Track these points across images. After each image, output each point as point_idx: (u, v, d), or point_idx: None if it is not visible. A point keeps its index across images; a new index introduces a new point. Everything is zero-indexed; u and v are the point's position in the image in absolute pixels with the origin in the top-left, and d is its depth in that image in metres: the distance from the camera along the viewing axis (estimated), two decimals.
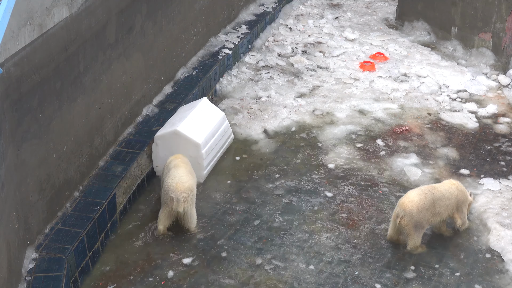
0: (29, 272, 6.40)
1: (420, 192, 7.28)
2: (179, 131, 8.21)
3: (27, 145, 6.44)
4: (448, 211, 7.36)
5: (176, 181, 7.43)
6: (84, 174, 7.58)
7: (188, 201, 7.42)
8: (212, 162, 8.54)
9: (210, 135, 8.44)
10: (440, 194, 7.31)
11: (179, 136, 8.21)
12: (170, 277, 7.01)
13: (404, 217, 7.15)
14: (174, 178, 7.48)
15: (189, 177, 7.56)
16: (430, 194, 7.25)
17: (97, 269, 7.13)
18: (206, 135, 8.36)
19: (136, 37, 8.52)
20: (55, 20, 6.66)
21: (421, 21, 12.08)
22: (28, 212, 6.53)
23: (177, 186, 7.40)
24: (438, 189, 7.36)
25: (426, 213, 7.18)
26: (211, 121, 8.58)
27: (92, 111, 7.65)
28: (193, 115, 8.49)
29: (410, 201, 7.17)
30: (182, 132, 8.21)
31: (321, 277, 7.03)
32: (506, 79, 10.54)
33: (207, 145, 8.33)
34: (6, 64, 5.91)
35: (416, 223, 7.16)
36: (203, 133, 8.35)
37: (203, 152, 8.25)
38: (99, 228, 7.20)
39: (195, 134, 8.27)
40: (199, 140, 8.24)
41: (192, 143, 8.22)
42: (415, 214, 7.13)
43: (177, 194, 7.36)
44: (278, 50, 11.59)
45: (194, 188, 7.58)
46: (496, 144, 9.20)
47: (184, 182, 7.44)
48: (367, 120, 9.71)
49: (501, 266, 7.19)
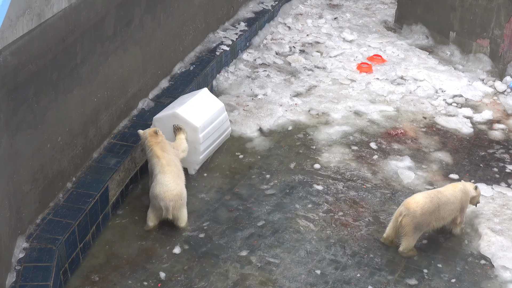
0: (19, 261, 6.39)
1: (426, 195, 7.33)
2: (178, 113, 8.21)
3: (22, 135, 6.43)
4: (452, 215, 7.44)
5: (164, 190, 7.39)
6: (78, 165, 7.57)
7: (177, 206, 7.44)
8: (208, 150, 8.50)
9: (209, 121, 8.43)
10: (446, 199, 7.36)
11: (178, 118, 8.21)
12: (160, 271, 7.01)
13: (406, 216, 7.18)
14: (162, 185, 7.42)
15: (177, 182, 7.49)
16: (436, 199, 7.29)
17: (87, 261, 7.12)
18: (205, 120, 8.36)
19: (135, 31, 8.51)
20: (54, 10, 6.64)
21: (420, 25, 12.09)
22: (20, 201, 6.52)
23: (165, 195, 7.38)
24: (443, 193, 7.41)
25: (428, 216, 7.22)
26: (210, 109, 8.58)
27: (88, 103, 7.64)
28: (193, 101, 8.51)
29: (415, 202, 7.22)
30: (181, 114, 8.21)
31: (312, 276, 7.04)
32: (502, 86, 10.57)
33: (205, 130, 8.32)
34: (3, 53, 5.90)
35: (416, 224, 7.18)
36: (202, 118, 8.35)
37: (200, 136, 8.24)
38: (90, 220, 7.19)
39: (194, 118, 8.27)
40: (198, 124, 8.23)
41: (190, 126, 8.21)
42: (417, 215, 7.17)
43: (166, 202, 7.38)
44: (276, 48, 11.59)
45: (183, 191, 7.53)
46: (490, 150, 9.22)
47: (172, 190, 7.41)
48: (362, 122, 9.72)
49: (491, 272, 7.21)
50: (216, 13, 11.05)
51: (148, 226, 7.55)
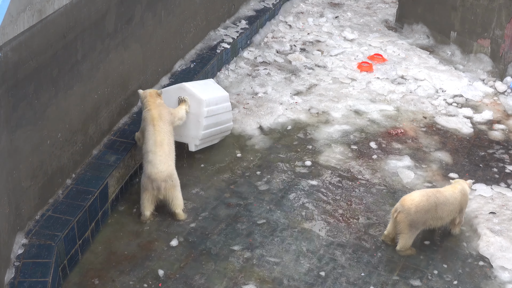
0: (18, 257, 6.39)
1: (423, 193, 7.31)
2: (185, 85, 8.30)
3: (21, 131, 6.42)
4: (451, 215, 7.42)
5: (155, 171, 7.48)
6: (77, 162, 7.57)
7: (169, 187, 7.52)
8: (211, 130, 8.48)
9: (214, 101, 8.46)
10: (445, 199, 7.33)
11: (185, 90, 8.27)
12: (159, 268, 7.01)
13: (401, 213, 7.18)
14: (153, 166, 7.50)
15: (168, 163, 7.56)
16: (434, 198, 7.27)
17: (86, 258, 7.12)
18: (211, 97, 8.40)
19: (135, 28, 8.51)
20: (55, 6, 6.64)
21: (421, 24, 12.09)
22: (19, 198, 6.52)
23: (156, 176, 7.48)
24: (442, 193, 7.39)
25: (424, 215, 7.20)
26: (217, 92, 8.65)
27: (88, 100, 7.64)
28: (201, 82, 8.67)
29: (410, 199, 7.22)
30: (188, 87, 8.28)
31: (311, 275, 7.04)
32: (502, 86, 10.57)
33: (210, 106, 8.35)
34: (3, 49, 5.90)
35: (411, 221, 7.17)
36: (209, 95, 8.40)
37: (205, 110, 8.25)
38: (90, 216, 7.19)
39: (200, 92, 8.33)
40: (204, 97, 8.27)
41: (196, 98, 8.23)
42: (412, 213, 7.16)
43: (158, 183, 7.49)
44: (276, 46, 11.59)
45: (173, 172, 7.61)
46: (490, 150, 9.22)
47: (163, 171, 7.50)
48: (362, 121, 9.72)
49: (490, 272, 7.21)
50: (217, 11, 11.04)
51: (145, 216, 7.59)
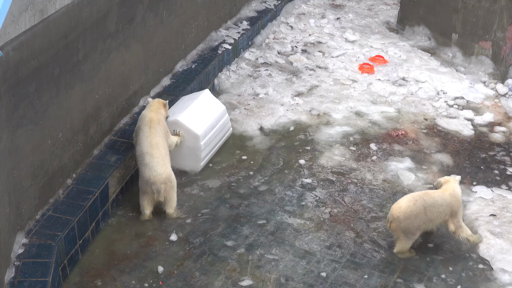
0: (18, 257, 6.39)
1: (410, 198, 7.28)
2: (179, 121, 8.29)
3: (23, 131, 6.43)
4: (441, 218, 7.33)
5: (154, 174, 7.55)
6: (78, 162, 7.57)
7: (168, 189, 7.62)
8: (209, 155, 8.61)
9: (210, 127, 8.52)
10: (433, 200, 7.28)
11: (180, 126, 8.29)
12: (159, 268, 7.01)
13: (392, 222, 7.22)
14: (151, 169, 7.56)
15: (165, 165, 7.65)
16: (421, 201, 7.23)
17: (86, 258, 7.12)
18: (206, 127, 8.45)
19: (137, 28, 8.51)
20: (57, 6, 6.64)
21: (422, 26, 12.09)
22: (20, 197, 6.52)
23: (155, 179, 7.54)
24: (431, 195, 7.33)
25: (414, 220, 7.17)
26: (211, 113, 8.67)
27: (89, 100, 7.64)
28: (195, 106, 8.59)
29: (398, 207, 7.21)
30: (182, 122, 8.29)
31: (311, 276, 7.04)
32: (503, 88, 10.56)
33: (206, 137, 8.41)
34: (5, 48, 5.90)
35: (403, 229, 7.18)
36: (203, 124, 8.44)
37: (201, 144, 8.32)
38: (90, 216, 7.19)
39: (195, 125, 8.36)
40: (199, 132, 8.31)
41: (191, 133, 8.29)
42: (401, 220, 7.16)
43: (157, 185, 7.55)
44: (278, 48, 11.58)
45: (171, 174, 7.70)
46: (491, 152, 9.21)
47: (161, 174, 7.57)
48: (363, 122, 9.71)
49: (490, 275, 7.21)
50: (219, 12, 11.04)
51: (144, 215, 7.63)
